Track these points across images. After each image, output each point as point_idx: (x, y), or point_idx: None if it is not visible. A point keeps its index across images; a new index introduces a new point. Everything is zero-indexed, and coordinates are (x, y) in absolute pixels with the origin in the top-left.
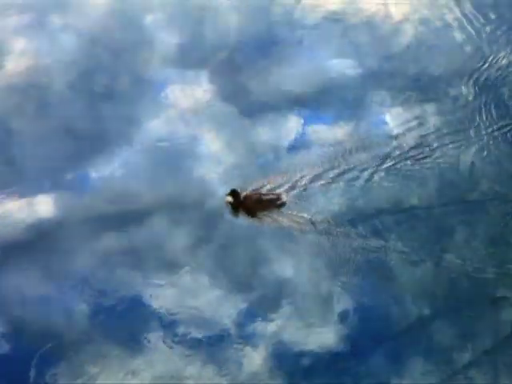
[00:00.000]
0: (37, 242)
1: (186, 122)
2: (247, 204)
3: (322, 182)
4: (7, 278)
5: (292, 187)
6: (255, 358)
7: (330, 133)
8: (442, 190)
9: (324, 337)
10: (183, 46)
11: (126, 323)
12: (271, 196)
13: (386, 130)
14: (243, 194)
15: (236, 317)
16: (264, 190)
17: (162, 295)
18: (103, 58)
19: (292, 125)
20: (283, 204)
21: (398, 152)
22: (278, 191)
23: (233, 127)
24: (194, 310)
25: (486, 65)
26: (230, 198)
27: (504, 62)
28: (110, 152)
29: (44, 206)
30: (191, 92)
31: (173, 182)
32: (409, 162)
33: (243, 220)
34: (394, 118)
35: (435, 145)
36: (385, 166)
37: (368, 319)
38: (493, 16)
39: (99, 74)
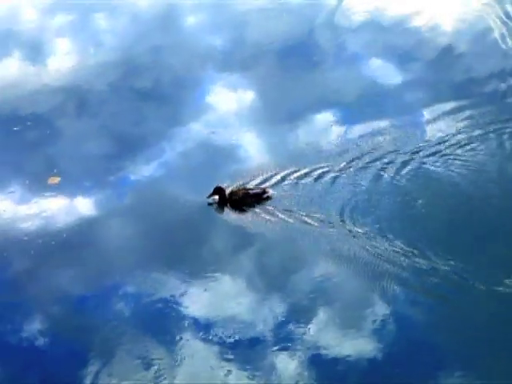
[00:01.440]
0: (77, 241)
1: (227, 125)
2: (233, 199)
3: (362, 182)
4: (48, 276)
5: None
6: (290, 363)
7: (371, 136)
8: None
9: (360, 344)
10: (225, 49)
11: (161, 324)
12: (257, 190)
13: (428, 133)
14: (229, 189)
15: (272, 321)
16: (250, 185)
17: (198, 297)
18: (145, 59)
19: (332, 128)
20: (269, 198)
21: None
22: (263, 185)
23: (273, 130)
24: (230, 313)
25: None
26: (216, 198)
27: None
28: (150, 153)
29: (84, 205)
30: (232, 94)
31: (212, 184)
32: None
33: (279, 222)
34: (435, 122)
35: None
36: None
37: (405, 327)
38: None
39: (141, 75)
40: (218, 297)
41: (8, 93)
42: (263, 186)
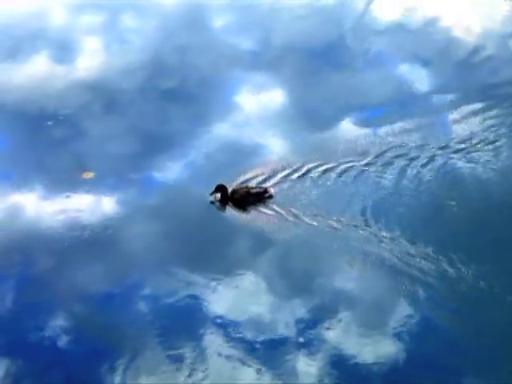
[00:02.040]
0: (102, 239)
1: (252, 125)
2: (235, 197)
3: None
4: (72, 273)
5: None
6: (311, 366)
7: (396, 136)
8: None
9: (382, 346)
10: (252, 49)
11: (186, 322)
12: (258, 189)
13: (453, 134)
14: (230, 188)
15: (294, 323)
16: (251, 184)
17: (220, 298)
18: (172, 59)
19: (358, 129)
20: (270, 197)
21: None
22: (265, 185)
23: (299, 131)
24: (251, 315)
25: None
26: (217, 196)
27: None
28: (175, 153)
29: (110, 203)
30: (259, 94)
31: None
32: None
33: (302, 224)
34: (461, 123)
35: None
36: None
37: (427, 331)
38: None
39: (168, 74)
40: (241, 296)
41: (42, 90)
42: (267, 184)
